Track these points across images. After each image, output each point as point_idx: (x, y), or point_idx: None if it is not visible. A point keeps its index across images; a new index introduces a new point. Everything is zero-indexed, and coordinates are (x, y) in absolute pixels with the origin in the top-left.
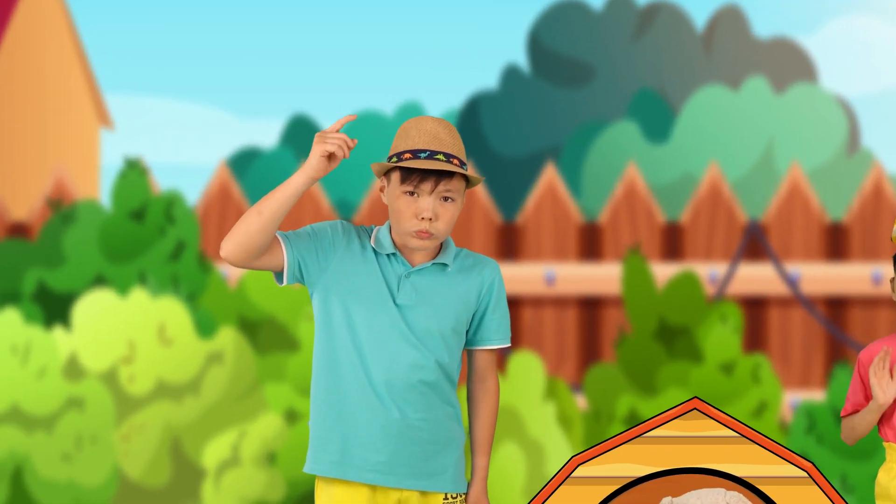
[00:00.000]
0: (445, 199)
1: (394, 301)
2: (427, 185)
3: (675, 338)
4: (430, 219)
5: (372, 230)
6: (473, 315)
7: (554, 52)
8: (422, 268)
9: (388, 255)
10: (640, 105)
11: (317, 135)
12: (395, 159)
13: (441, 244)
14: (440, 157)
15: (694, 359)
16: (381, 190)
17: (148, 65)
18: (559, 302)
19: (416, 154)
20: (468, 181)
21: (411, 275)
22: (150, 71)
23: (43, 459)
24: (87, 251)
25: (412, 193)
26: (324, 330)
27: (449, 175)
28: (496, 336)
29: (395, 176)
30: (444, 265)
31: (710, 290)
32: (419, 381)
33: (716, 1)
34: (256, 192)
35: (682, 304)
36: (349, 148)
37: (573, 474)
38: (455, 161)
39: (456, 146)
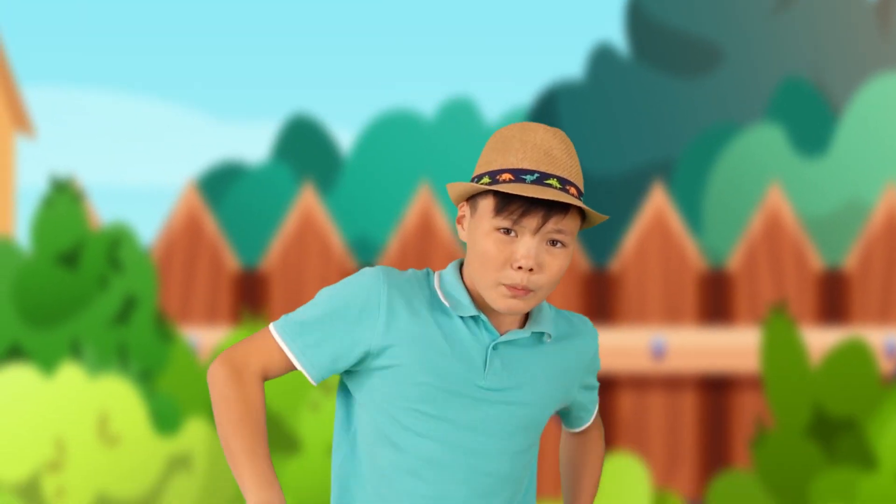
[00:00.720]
0: (553, 242)
1: (479, 387)
2: (532, 222)
3: (837, 434)
4: (531, 269)
5: (429, 277)
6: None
7: (663, 26)
8: (515, 338)
9: (470, 317)
10: (786, 101)
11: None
12: (487, 179)
13: None
14: (553, 181)
15: (863, 464)
16: (459, 221)
17: (82, 45)
18: (672, 383)
19: (518, 176)
20: (583, 220)
21: (499, 347)
22: (85, 54)
23: None
24: None
25: (508, 231)
26: (364, 424)
27: (562, 209)
28: (591, 408)
29: (486, 204)
30: (542, 335)
31: (886, 365)
32: (505, 499)
33: None
34: (239, 227)
35: (846, 386)
36: None
37: None
38: (572, 190)
39: (574, 170)
